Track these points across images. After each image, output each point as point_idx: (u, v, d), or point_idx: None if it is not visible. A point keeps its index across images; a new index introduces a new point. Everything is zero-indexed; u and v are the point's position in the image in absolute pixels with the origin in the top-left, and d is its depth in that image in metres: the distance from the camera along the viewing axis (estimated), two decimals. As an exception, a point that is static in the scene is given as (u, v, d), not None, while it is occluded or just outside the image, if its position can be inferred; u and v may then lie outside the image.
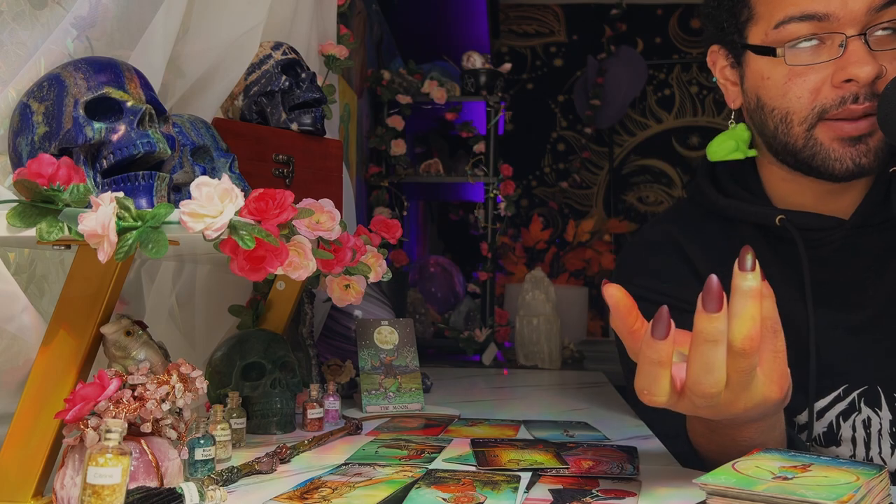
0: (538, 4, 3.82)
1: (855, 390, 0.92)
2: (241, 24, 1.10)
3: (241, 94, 1.13)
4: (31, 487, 0.64)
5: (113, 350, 0.68)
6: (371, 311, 1.46)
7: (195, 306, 1.16)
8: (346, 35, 1.59)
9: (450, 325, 2.49)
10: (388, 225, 1.01)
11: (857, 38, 0.84)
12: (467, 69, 2.54)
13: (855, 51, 0.83)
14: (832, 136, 0.87)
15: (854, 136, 0.86)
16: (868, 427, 0.92)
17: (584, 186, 3.74)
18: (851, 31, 0.84)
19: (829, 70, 0.86)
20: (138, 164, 0.69)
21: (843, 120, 0.86)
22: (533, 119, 3.75)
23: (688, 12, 3.72)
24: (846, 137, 0.86)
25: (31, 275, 0.81)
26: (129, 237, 0.57)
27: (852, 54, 0.83)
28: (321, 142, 1.18)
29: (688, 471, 0.84)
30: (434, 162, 2.59)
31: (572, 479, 0.77)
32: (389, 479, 0.76)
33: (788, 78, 0.88)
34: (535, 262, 3.46)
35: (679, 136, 3.70)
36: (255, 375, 1.00)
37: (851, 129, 0.86)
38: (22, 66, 0.76)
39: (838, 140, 0.87)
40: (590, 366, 2.46)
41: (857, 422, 0.92)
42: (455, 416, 1.17)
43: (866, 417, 0.92)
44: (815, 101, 0.87)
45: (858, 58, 0.83)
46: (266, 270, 0.61)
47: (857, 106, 0.85)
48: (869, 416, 0.92)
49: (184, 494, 0.62)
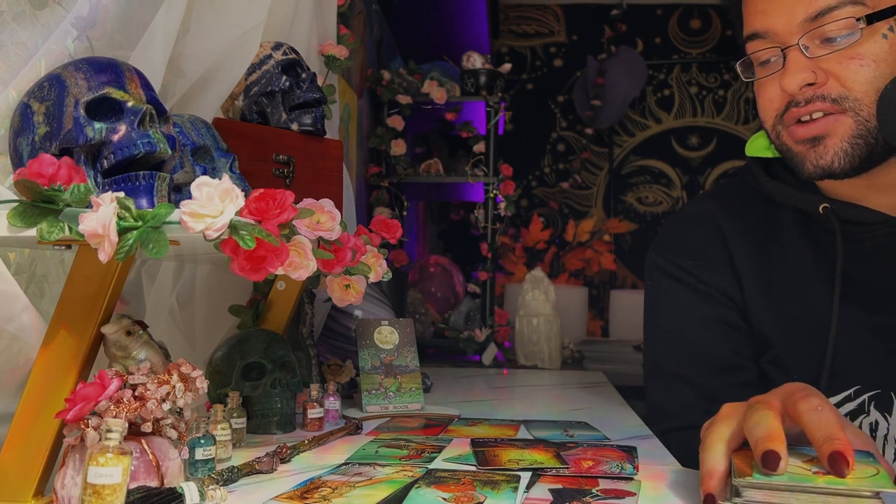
0: (538, 4, 3.82)
1: (866, 393, 0.91)
2: (241, 25, 1.10)
3: (241, 94, 1.13)
4: (31, 487, 0.64)
5: (113, 350, 0.69)
6: (371, 311, 1.46)
7: (195, 306, 1.17)
8: (346, 35, 1.59)
9: (450, 325, 2.49)
10: (388, 225, 1.01)
11: (793, 48, 0.88)
12: (467, 69, 2.54)
13: (789, 62, 0.88)
14: (792, 140, 0.92)
15: (806, 138, 0.89)
16: (874, 431, 0.91)
17: (583, 187, 3.74)
18: (787, 44, 0.88)
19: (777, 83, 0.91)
20: (139, 165, 0.69)
21: (797, 124, 0.90)
22: (533, 119, 3.75)
23: (688, 13, 3.72)
24: (800, 140, 0.90)
25: (31, 275, 0.82)
26: (130, 237, 0.57)
27: (787, 66, 0.88)
28: (321, 142, 1.18)
29: (688, 471, 0.84)
30: (434, 162, 2.59)
31: (572, 479, 0.77)
32: (389, 479, 0.76)
33: (757, 90, 0.95)
34: (535, 262, 3.46)
35: (679, 137, 3.70)
36: (255, 375, 1.00)
37: (802, 132, 0.90)
38: (22, 67, 0.76)
39: (797, 143, 0.91)
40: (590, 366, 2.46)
41: (864, 424, 0.91)
42: (455, 416, 1.17)
43: (874, 421, 0.91)
44: (774, 110, 0.92)
45: (789, 69, 0.88)
46: (266, 270, 0.61)
47: (799, 109, 0.89)
48: (877, 419, 0.91)
49: (184, 494, 0.62)
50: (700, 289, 1.04)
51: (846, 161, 0.88)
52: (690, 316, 1.04)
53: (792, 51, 0.88)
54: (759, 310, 0.99)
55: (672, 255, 1.07)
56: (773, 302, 0.99)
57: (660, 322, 1.08)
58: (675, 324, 1.05)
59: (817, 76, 0.87)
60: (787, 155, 0.94)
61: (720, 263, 1.03)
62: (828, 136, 0.88)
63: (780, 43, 0.89)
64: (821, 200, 0.95)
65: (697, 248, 1.06)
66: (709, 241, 1.05)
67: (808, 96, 0.87)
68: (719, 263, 1.03)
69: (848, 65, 0.85)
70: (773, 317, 0.98)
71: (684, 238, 1.08)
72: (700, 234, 1.06)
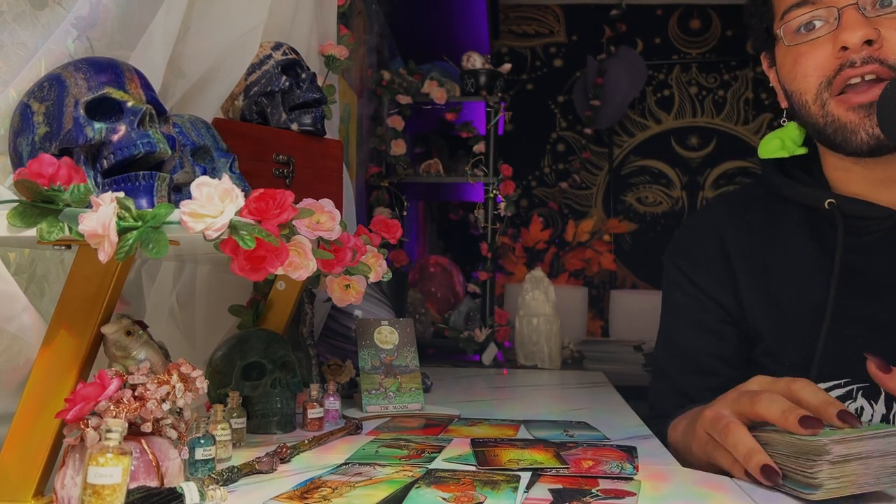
0: (538, 5, 3.82)
1: (856, 383, 0.93)
2: (241, 25, 1.10)
3: (241, 94, 1.13)
4: (31, 487, 0.64)
5: (113, 350, 0.69)
6: (371, 311, 1.46)
7: (195, 306, 1.17)
8: (346, 35, 1.59)
9: (450, 325, 2.49)
10: (388, 225, 1.01)
11: (850, 7, 0.87)
12: (467, 69, 2.54)
13: (847, 19, 0.87)
14: (844, 108, 0.90)
15: (864, 103, 0.88)
16: (859, 416, 0.92)
17: (583, 187, 3.74)
18: (843, 3, 0.88)
19: (830, 44, 0.89)
20: (139, 165, 0.69)
21: (851, 91, 0.88)
22: (533, 119, 3.75)
23: (687, 13, 3.72)
24: (856, 106, 0.89)
25: (31, 275, 0.81)
26: (130, 237, 0.57)
27: (844, 22, 0.87)
28: (321, 142, 1.18)
29: (688, 471, 0.85)
30: (434, 162, 2.59)
31: (572, 479, 0.77)
32: (389, 479, 0.76)
33: (795, 60, 0.93)
34: (535, 262, 3.46)
35: (678, 137, 3.70)
36: (255, 375, 1.00)
37: (860, 97, 0.88)
38: (22, 67, 0.76)
39: (852, 111, 0.89)
40: (590, 366, 2.46)
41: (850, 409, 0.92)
42: (455, 415, 1.17)
43: (859, 407, 0.92)
44: (821, 76, 0.91)
45: (849, 24, 0.87)
46: (266, 270, 0.61)
47: (854, 70, 0.87)
48: (863, 405, 0.92)
49: (184, 494, 0.62)
50: (691, 292, 1.09)
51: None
52: (680, 318, 1.11)
53: (848, 10, 0.87)
54: (753, 302, 1.02)
55: (674, 257, 1.14)
56: (769, 295, 1.01)
57: (662, 319, 1.16)
58: (668, 323, 1.14)
59: (877, 35, 0.86)
60: (832, 127, 0.92)
61: (713, 266, 1.06)
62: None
63: (830, 5, 0.88)
64: (826, 196, 0.96)
65: (692, 251, 1.11)
66: (704, 244, 1.09)
67: (864, 56, 0.86)
68: (713, 266, 1.06)
69: None
70: (767, 308, 1.01)
71: (684, 240, 1.14)
72: (697, 237, 1.11)
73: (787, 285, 0.99)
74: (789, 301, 0.98)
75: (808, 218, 1.00)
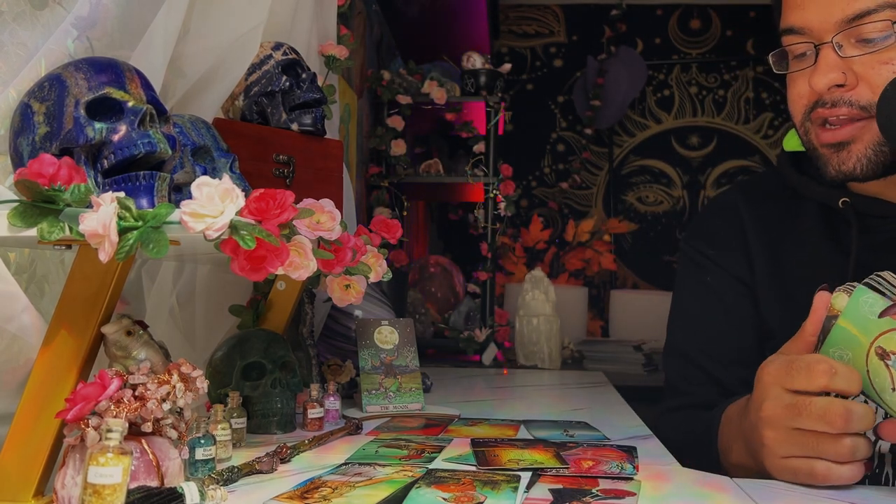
0: (538, 5, 3.82)
1: None
2: (241, 25, 1.10)
3: (241, 94, 1.13)
4: (31, 487, 0.64)
5: (114, 350, 0.69)
6: (371, 311, 1.46)
7: (195, 306, 1.17)
8: (346, 35, 1.59)
9: (450, 325, 2.49)
10: (388, 225, 1.01)
11: (826, 46, 0.87)
12: (467, 69, 2.54)
13: (820, 60, 0.87)
14: (818, 142, 0.91)
15: (832, 143, 0.89)
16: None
17: (583, 187, 3.74)
18: (821, 40, 0.87)
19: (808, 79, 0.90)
20: (139, 165, 0.69)
21: (823, 127, 0.90)
22: (533, 119, 3.74)
23: (687, 13, 3.72)
24: (825, 144, 0.90)
25: (31, 275, 0.82)
26: (130, 237, 0.57)
27: (818, 63, 0.87)
28: (321, 142, 1.18)
29: (688, 471, 0.85)
30: (434, 162, 2.59)
31: (572, 479, 0.77)
32: (389, 479, 0.76)
33: (790, 82, 0.95)
34: (535, 262, 3.46)
35: (678, 137, 3.70)
36: (255, 375, 1.00)
37: (828, 137, 0.89)
38: (23, 67, 0.76)
39: (822, 146, 0.91)
40: (590, 366, 2.47)
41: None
42: (455, 415, 1.17)
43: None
44: (804, 105, 0.92)
45: (819, 67, 0.87)
46: (266, 270, 0.61)
47: (825, 110, 0.88)
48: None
49: (184, 494, 0.62)
50: (718, 274, 1.09)
51: (869, 168, 0.88)
52: (708, 303, 1.09)
53: (825, 48, 0.87)
54: (767, 298, 1.03)
55: (695, 242, 1.13)
56: (783, 290, 1.01)
57: (684, 305, 1.14)
58: (695, 309, 1.12)
59: (847, 78, 0.86)
60: (812, 154, 0.94)
61: (738, 251, 1.07)
62: (853, 141, 0.88)
63: (815, 39, 0.88)
64: (841, 194, 0.96)
65: (718, 236, 1.11)
66: (728, 229, 1.09)
67: (835, 98, 0.87)
68: (737, 251, 1.07)
69: (880, 70, 0.84)
70: (781, 304, 1.01)
71: (707, 226, 1.14)
72: (721, 223, 1.11)
73: (802, 282, 0.99)
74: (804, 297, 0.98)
75: (825, 215, 1.01)
